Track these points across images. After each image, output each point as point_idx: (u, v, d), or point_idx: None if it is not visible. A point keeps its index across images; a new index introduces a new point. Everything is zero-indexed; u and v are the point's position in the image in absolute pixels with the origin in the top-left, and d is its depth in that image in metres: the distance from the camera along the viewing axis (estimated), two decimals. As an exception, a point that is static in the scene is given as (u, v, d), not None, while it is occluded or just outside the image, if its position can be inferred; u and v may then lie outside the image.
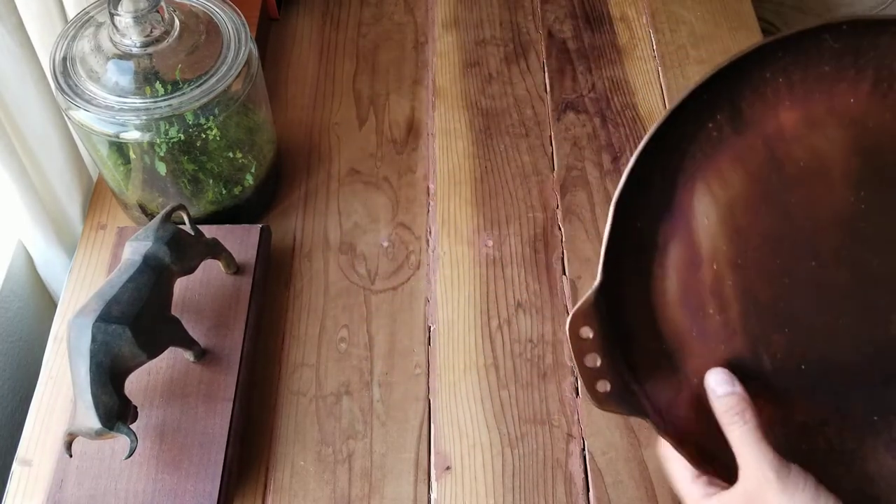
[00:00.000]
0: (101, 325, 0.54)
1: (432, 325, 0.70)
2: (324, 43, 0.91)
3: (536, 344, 0.69)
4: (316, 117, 0.85)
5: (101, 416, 0.53)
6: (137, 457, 0.59)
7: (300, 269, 0.74)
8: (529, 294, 0.72)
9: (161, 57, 0.63)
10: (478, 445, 0.64)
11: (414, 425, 0.65)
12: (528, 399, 0.66)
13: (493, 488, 0.62)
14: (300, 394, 0.67)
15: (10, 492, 0.62)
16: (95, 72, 0.63)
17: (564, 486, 0.62)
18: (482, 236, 0.75)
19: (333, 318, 0.71)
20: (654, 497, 0.61)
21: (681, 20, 0.93)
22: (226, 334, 0.65)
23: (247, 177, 0.73)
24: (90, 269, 0.73)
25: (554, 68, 0.88)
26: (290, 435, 0.65)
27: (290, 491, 0.62)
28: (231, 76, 0.64)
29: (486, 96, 0.86)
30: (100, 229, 0.76)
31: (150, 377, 0.63)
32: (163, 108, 0.62)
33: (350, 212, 0.77)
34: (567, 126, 0.83)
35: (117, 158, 0.68)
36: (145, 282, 0.57)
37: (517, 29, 0.92)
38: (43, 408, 0.66)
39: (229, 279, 0.68)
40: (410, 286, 0.73)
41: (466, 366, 0.68)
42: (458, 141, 0.83)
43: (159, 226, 0.60)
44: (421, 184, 0.79)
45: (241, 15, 0.68)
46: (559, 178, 0.79)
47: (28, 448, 0.64)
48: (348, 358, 0.69)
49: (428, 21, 0.94)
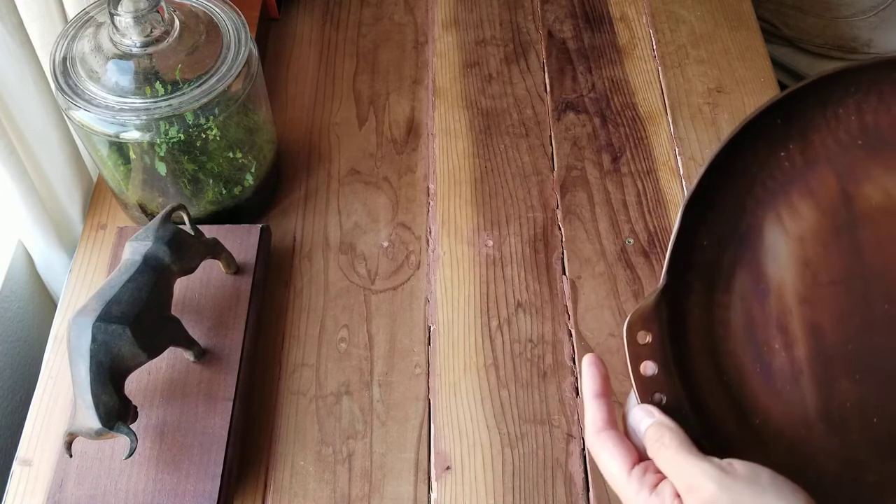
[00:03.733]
0: (101, 325, 0.54)
1: (432, 325, 0.70)
2: (324, 43, 0.92)
3: (536, 344, 0.69)
4: (316, 117, 0.85)
5: (101, 416, 0.53)
6: (137, 457, 0.59)
7: (300, 269, 0.74)
8: (529, 294, 0.72)
9: (161, 57, 0.63)
10: (478, 445, 0.64)
11: (414, 425, 0.65)
12: (528, 399, 0.66)
13: (493, 488, 0.62)
14: (300, 394, 0.67)
15: (10, 492, 0.62)
16: (95, 72, 0.63)
17: (564, 486, 0.62)
18: (482, 236, 0.76)
19: (333, 318, 0.71)
20: (654, 497, 0.61)
21: (681, 20, 0.93)
22: (226, 334, 0.65)
23: (247, 177, 0.73)
24: (90, 269, 0.73)
25: (554, 68, 0.88)
26: (290, 435, 0.65)
27: (290, 491, 0.62)
28: (231, 76, 0.64)
29: (486, 96, 0.86)
30: (100, 229, 0.76)
31: (150, 377, 0.63)
32: (163, 108, 0.62)
33: (350, 212, 0.77)
34: (567, 126, 0.83)
35: (117, 158, 0.68)
36: (145, 282, 0.57)
37: (517, 29, 0.92)
38: (43, 408, 0.66)
39: (229, 279, 0.68)
40: (410, 286, 0.73)
41: (466, 366, 0.68)
42: (458, 141, 0.83)
43: (159, 226, 0.60)
44: (421, 184, 0.79)
45: (241, 15, 0.68)
46: (559, 178, 0.79)
47: (28, 448, 0.64)
48: (348, 358, 0.69)
49: (428, 21, 0.94)
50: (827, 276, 0.43)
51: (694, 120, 0.84)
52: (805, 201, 0.43)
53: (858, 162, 0.42)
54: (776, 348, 0.43)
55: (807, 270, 0.43)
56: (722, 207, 0.43)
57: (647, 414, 0.41)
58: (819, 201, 0.43)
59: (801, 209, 0.43)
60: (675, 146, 0.82)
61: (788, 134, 0.43)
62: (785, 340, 0.43)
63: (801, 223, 0.43)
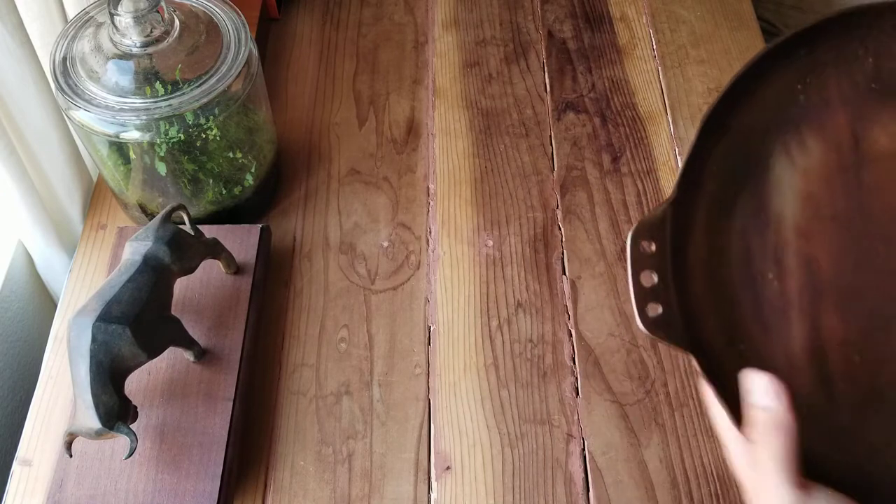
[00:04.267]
0: (101, 325, 0.54)
1: (432, 325, 0.70)
2: (324, 43, 0.92)
3: (536, 344, 0.69)
4: (316, 117, 0.85)
5: (101, 416, 0.53)
6: (137, 457, 0.59)
7: (300, 269, 0.74)
8: (529, 294, 0.72)
9: (161, 57, 0.63)
10: (478, 445, 0.64)
11: (414, 425, 0.65)
12: (528, 399, 0.66)
13: (493, 488, 0.62)
14: (300, 394, 0.67)
15: (10, 492, 0.62)
16: (95, 72, 0.63)
17: (564, 486, 0.62)
18: (482, 236, 0.76)
19: (333, 318, 0.71)
20: (654, 497, 0.62)
21: (681, 20, 0.93)
22: (226, 334, 0.65)
23: (247, 177, 0.73)
24: (90, 269, 0.73)
25: (554, 68, 0.88)
26: (290, 435, 0.65)
27: (290, 491, 0.62)
28: (231, 76, 0.64)
29: (486, 96, 0.86)
30: (100, 229, 0.76)
31: (150, 377, 0.63)
32: (163, 108, 0.62)
33: (350, 212, 0.77)
34: (567, 126, 0.83)
35: (117, 158, 0.68)
36: (145, 282, 0.57)
37: (517, 29, 0.92)
38: (43, 408, 0.66)
39: (229, 279, 0.68)
40: (410, 286, 0.73)
41: (466, 366, 0.68)
42: (458, 141, 0.83)
43: (159, 226, 0.60)
44: (421, 184, 0.79)
45: (241, 15, 0.68)
46: (559, 178, 0.79)
47: (28, 448, 0.64)
48: (348, 358, 0.69)
49: (428, 21, 0.94)
50: (827, 212, 0.43)
51: (694, 120, 0.84)
52: (814, 137, 0.44)
53: (870, 105, 0.44)
54: (769, 278, 0.44)
55: (808, 204, 0.44)
56: (736, 133, 0.44)
57: (774, 395, 0.40)
58: (828, 138, 0.44)
59: (810, 144, 0.44)
60: (675, 146, 0.82)
61: (809, 66, 0.44)
62: (779, 271, 0.44)
63: (808, 157, 0.44)
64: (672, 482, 0.62)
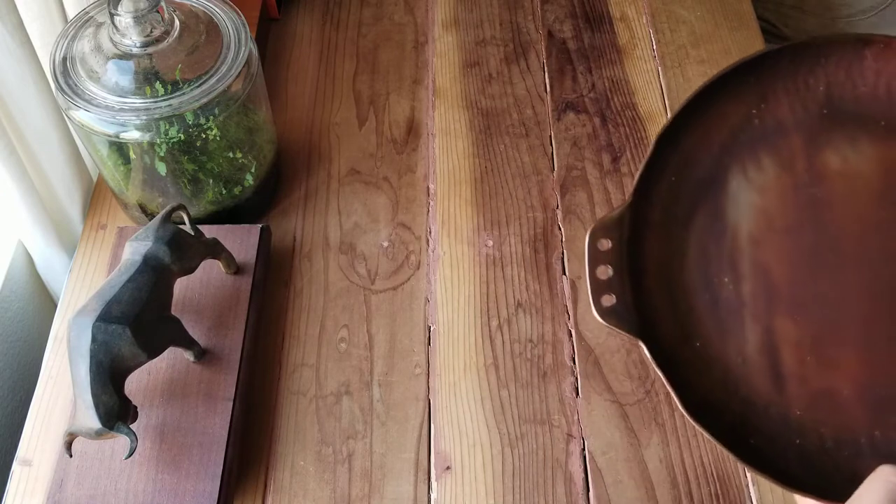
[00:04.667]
0: (101, 325, 0.54)
1: (432, 325, 0.70)
2: (324, 43, 0.92)
3: (536, 344, 0.69)
4: (316, 117, 0.85)
5: (101, 416, 0.53)
6: (137, 457, 0.59)
7: (300, 269, 0.74)
8: (529, 294, 0.72)
9: (161, 57, 0.63)
10: (478, 445, 0.64)
11: (414, 425, 0.65)
12: (528, 399, 0.66)
13: (493, 488, 0.62)
14: (300, 394, 0.67)
15: (10, 492, 0.62)
16: (95, 72, 0.63)
17: (564, 486, 0.62)
18: (482, 236, 0.76)
19: (333, 318, 0.71)
20: (654, 497, 0.62)
21: (681, 20, 0.93)
22: (226, 334, 0.65)
23: (247, 177, 0.73)
24: (90, 269, 0.73)
25: (554, 68, 0.88)
26: (290, 435, 0.65)
27: (290, 491, 0.62)
28: (231, 76, 0.64)
29: (486, 96, 0.86)
30: (100, 229, 0.76)
31: (150, 377, 0.63)
32: (163, 108, 0.62)
33: (350, 212, 0.77)
34: (567, 126, 0.83)
35: (117, 158, 0.68)
36: (145, 282, 0.57)
37: (517, 29, 0.92)
38: (43, 408, 0.66)
39: (229, 279, 0.68)
40: (410, 286, 0.73)
41: (466, 366, 0.68)
42: (458, 141, 0.83)
43: (159, 226, 0.60)
44: (421, 184, 0.79)
45: (241, 15, 0.68)
46: (559, 178, 0.79)
47: (28, 448, 0.64)
48: (348, 358, 0.69)
49: (428, 21, 0.94)
50: (781, 224, 0.46)
51: (694, 120, 0.84)
52: (769, 157, 0.47)
53: (822, 129, 0.46)
54: (725, 282, 0.46)
55: (763, 217, 0.46)
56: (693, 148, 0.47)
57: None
58: (782, 159, 0.47)
59: (765, 164, 0.47)
60: (675, 146, 0.82)
61: (760, 94, 0.47)
62: (734, 276, 0.46)
63: (763, 176, 0.47)
64: (672, 482, 0.62)
